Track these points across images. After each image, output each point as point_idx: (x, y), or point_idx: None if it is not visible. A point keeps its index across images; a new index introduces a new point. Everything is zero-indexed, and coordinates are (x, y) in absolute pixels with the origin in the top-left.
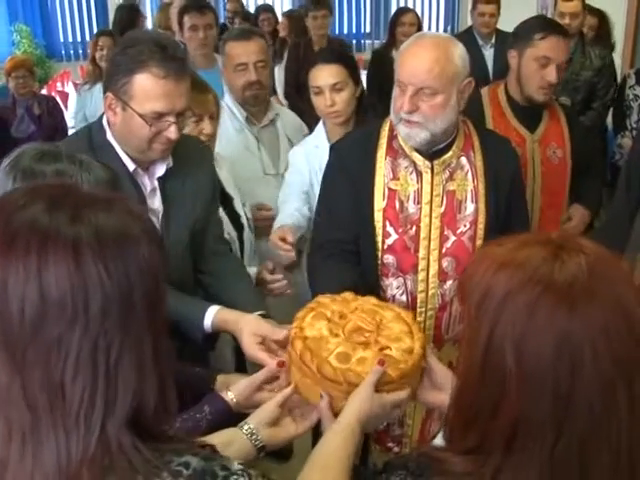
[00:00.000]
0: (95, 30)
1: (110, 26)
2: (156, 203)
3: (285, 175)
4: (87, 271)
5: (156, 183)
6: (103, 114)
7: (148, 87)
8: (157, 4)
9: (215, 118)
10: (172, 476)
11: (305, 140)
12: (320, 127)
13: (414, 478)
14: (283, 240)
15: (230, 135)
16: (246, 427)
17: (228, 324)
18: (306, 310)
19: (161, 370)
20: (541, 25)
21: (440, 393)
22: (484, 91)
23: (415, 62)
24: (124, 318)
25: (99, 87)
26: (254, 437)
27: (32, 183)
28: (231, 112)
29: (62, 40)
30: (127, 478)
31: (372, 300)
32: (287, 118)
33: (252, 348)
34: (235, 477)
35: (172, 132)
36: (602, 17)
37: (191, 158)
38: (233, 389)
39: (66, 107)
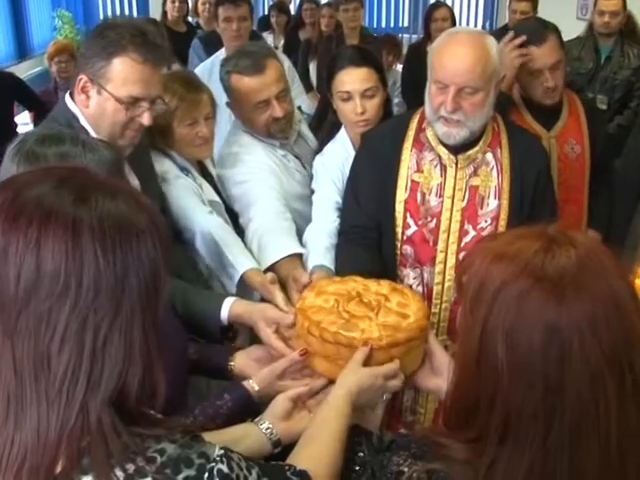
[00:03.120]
0: (135, 17)
1: (150, 14)
2: (135, 182)
3: (315, 187)
4: (84, 250)
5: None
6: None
7: (126, 71)
8: None
9: (211, 118)
10: (145, 462)
11: (329, 149)
12: (343, 136)
13: (415, 460)
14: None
15: (263, 159)
16: (261, 422)
17: (242, 318)
18: (305, 320)
19: (149, 357)
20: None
21: (436, 378)
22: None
23: (457, 61)
24: (116, 301)
25: None
26: (269, 431)
27: (45, 165)
28: (262, 143)
29: None
30: (101, 462)
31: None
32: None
33: (270, 339)
34: (212, 464)
35: (146, 118)
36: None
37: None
38: (255, 378)
39: None
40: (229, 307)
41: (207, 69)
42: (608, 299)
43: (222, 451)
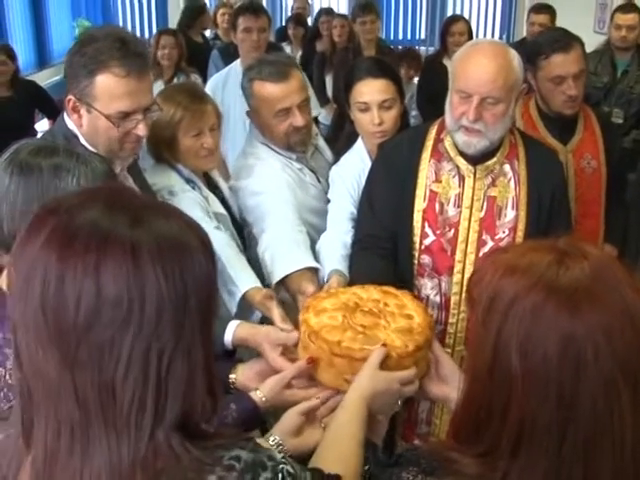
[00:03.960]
0: (154, 28)
1: (169, 25)
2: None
3: (331, 197)
4: (145, 273)
5: (129, 177)
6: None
7: (111, 87)
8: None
9: (216, 129)
10: (225, 470)
11: (346, 160)
12: (360, 147)
13: (425, 476)
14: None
15: (279, 172)
16: (272, 438)
17: (247, 341)
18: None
19: (210, 375)
20: (542, 46)
21: (444, 386)
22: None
23: (480, 71)
24: (178, 324)
25: (159, 84)
26: (280, 448)
27: (89, 187)
28: (280, 156)
29: None
30: (180, 479)
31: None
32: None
33: (276, 361)
34: (281, 466)
35: (141, 129)
36: None
37: None
38: (262, 387)
39: None
40: (233, 331)
41: (221, 79)
42: (622, 310)
43: (281, 454)
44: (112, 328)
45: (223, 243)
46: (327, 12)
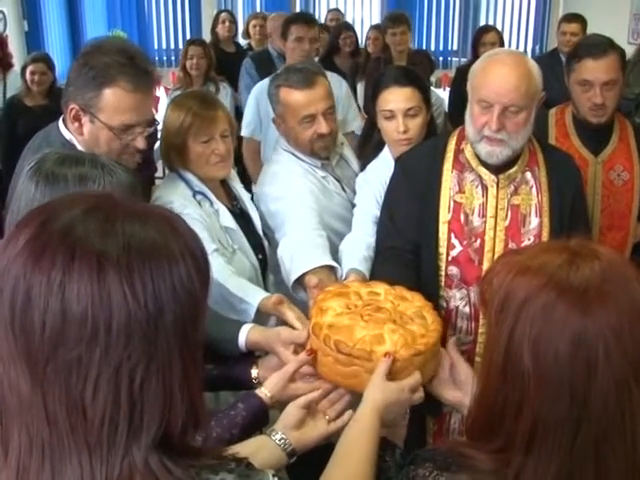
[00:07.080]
0: (188, 38)
1: (203, 35)
2: None
3: (357, 201)
4: (111, 290)
5: None
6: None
7: (118, 101)
8: (249, 12)
9: (228, 136)
10: None
11: (372, 166)
12: (387, 155)
13: (441, 472)
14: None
15: (301, 178)
16: (274, 433)
17: (260, 345)
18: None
19: (191, 392)
20: (578, 49)
21: (458, 391)
22: (552, 112)
23: (502, 81)
24: (151, 342)
25: None
26: (282, 441)
27: (80, 190)
28: (303, 163)
29: (156, 47)
30: None
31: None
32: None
33: (290, 360)
34: None
35: (140, 142)
36: None
37: None
38: (266, 384)
39: (156, 110)
40: (246, 335)
41: (264, 88)
42: (632, 309)
43: (276, 478)
44: (79, 348)
45: (220, 269)
46: (347, 27)
